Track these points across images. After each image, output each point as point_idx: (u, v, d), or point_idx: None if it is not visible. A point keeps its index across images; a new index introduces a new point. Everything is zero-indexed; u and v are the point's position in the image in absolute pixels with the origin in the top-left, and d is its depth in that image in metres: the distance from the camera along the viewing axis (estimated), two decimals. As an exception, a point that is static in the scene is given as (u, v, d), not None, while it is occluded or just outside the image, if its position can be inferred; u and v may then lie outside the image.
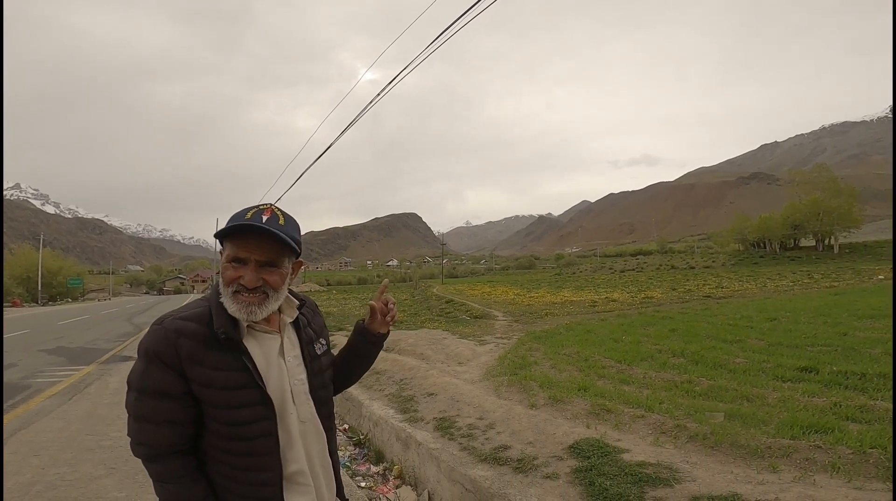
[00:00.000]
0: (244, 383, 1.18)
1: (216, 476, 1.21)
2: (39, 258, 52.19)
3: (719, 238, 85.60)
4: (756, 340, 7.38)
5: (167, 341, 1.16)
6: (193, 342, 1.16)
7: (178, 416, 1.17)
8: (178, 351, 1.15)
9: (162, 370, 1.15)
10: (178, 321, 1.19)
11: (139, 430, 1.18)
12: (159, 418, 1.16)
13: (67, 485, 3.64)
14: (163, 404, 1.16)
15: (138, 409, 1.17)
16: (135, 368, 1.19)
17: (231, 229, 1.18)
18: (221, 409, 1.16)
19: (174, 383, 1.15)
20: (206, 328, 1.18)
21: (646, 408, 4.13)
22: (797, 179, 72.66)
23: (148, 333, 1.20)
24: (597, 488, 2.78)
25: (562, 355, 6.94)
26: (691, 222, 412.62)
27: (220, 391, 1.16)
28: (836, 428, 3.48)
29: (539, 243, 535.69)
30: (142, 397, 1.17)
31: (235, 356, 1.18)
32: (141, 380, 1.17)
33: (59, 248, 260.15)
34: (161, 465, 1.19)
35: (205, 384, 1.16)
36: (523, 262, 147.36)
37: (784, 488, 2.67)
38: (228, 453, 1.19)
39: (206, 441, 1.20)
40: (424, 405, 4.72)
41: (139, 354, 1.19)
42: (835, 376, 5.03)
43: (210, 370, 1.16)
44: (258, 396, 1.19)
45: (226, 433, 1.18)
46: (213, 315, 1.20)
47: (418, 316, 16.74)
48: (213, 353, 1.17)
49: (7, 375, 8.24)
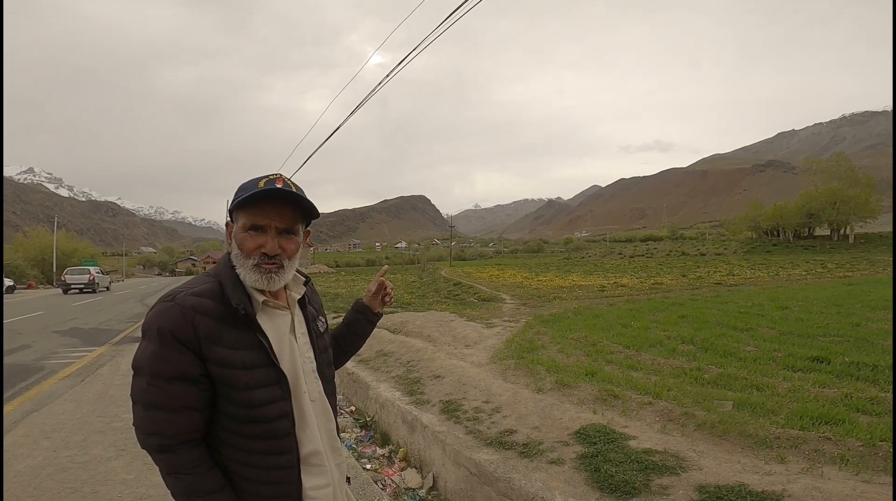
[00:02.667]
0: (261, 362, 1.13)
1: (230, 462, 1.14)
2: (54, 240, 52.80)
3: (731, 225, 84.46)
4: (767, 328, 7.29)
5: (184, 318, 1.07)
6: (210, 319, 1.09)
7: (196, 401, 1.09)
8: (195, 330, 1.07)
9: (179, 351, 1.07)
10: (191, 298, 1.10)
11: (152, 419, 1.09)
12: (176, 404, 1.08)
13: (78, 467, 3.68)
14: (180, 388, 1.07)
15: (151, 396, 1.08)
16: (144, 350, 1.10)
17: (253, 196, 1.12)
18: (240, 390, 1.10)
19: (192, 364, 1.08)
20: (220, 304, 1.12)
21: (654, 395, 4.10)
22: (814, 168, 71.20)
23: (158, 311, 1.10)
24: (602, 474, 2.77)
25: (569, 339, 6.91)
26: (703, 208, 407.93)
27: (239, 371, 1.10)
28: (847, 420, 3.43)
29: (548, 227, 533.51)
30: (155, 382, 1.07)
31: (250, 334, 1.13)
32: (154, 363, 1.07)
33: (74, 230, 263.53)
34: (176, 455, 1.10)
35: (224, 364, 1.09)
36: (532, 245, 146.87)
37: (792, 479, 2.64)
38: (245, 437, 1.13)
39: (220, 426, 1.13)
40: (431, 388, 4.73)
41: (148, 334, 1.10)
42: (846, 367, 4.95)
43: (228, 349, 1.10)
44: (274, 375, 1.14)
45: (242, 416, 1.11)
46: (226, 290, 1.13)
47: (426, 298, 16.77)
48: (230, 331, 1.11)
49: (21, 356, 8.37)
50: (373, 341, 7.14)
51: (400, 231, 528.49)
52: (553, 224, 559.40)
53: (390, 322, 9.00)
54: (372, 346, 6.86)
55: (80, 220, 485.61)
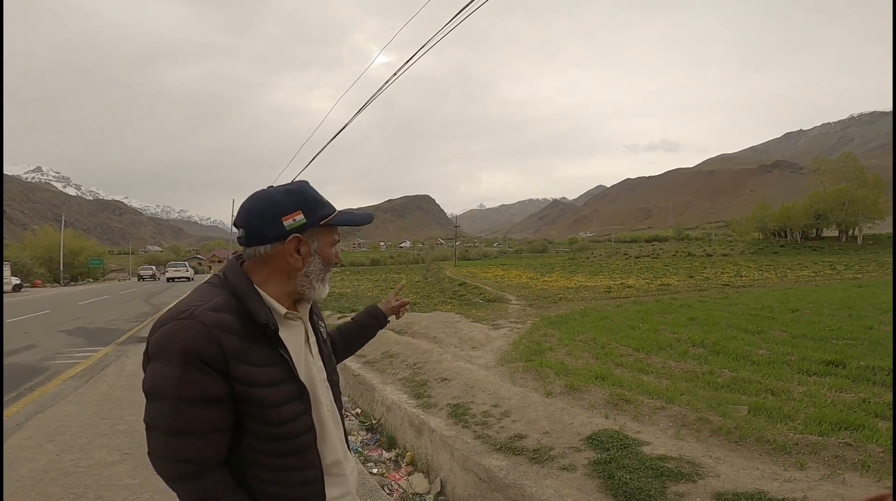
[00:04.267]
0: (284, 377, 1.09)
1: (256, 482, 1.09)
2: (61, 239, 53.22)
3: (738, 226, 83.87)
4: (779, 331, 7.18)
5: (209, 337, 1.01)
6: (234, 336, 1.04)
7: (224, 422, 1.05)
8: (221, 349, 1.02)
9: (205, 372, 1.01)
10: (212, 314, 1.04)
11: (179, 445, 1.02)
12: (204, 428, 1.02)
13: (82, 472, 3.64)
14: (209, 412, 1.02)
15: (177, 421, 1.01)
16: (163, 372, 1.01)
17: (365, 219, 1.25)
18: (268, 408, 1.06)
19: (219, 385, 1.02)
20: (240, 319, 1.07)
21: (666, 399, 4.02)
22: (822, 168, 70.65)
23: (176, 328, 1.02)
24: (616, 481, 2.70)
25: (577, 341, 6.83)
26: (709, 209, 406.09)
27: (266, 388, 1.06)
28: (866, 425, 3.35)
29: (553, 227, 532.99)
30: (181, 406, 1.00)
31: (273, 349, 1.09)
32: (179, 387, 1.00)
33: (81, 229, 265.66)
34: (205, 482, 1.04)
35: (251, 382, 1.04)
36: (536, 245, 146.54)
37: (812, 486, 2.57)
38: (272, 455, 1.09)
39: (246, 446, 1.08)
40: (438, 391, 4.67)
41: (167, 355, 1.01)
42: (862, 371, 4.85)
43: (253, 367, 1.05)
44: (297, 390, 1.11)
45: (268, 434, 1.08)
46: (247, 305, 1.08)
47: (431, 298, 16.70)
48: (253, 347, 1.06)
49: (26, 356, 8.36)
50: (378, 342, 7.08)
51: (404, 231, 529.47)
52: (558, 224, 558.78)
53: (395, 323, 8.93)
54: (378, 347, 6.81)
55: (87, 218, 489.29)
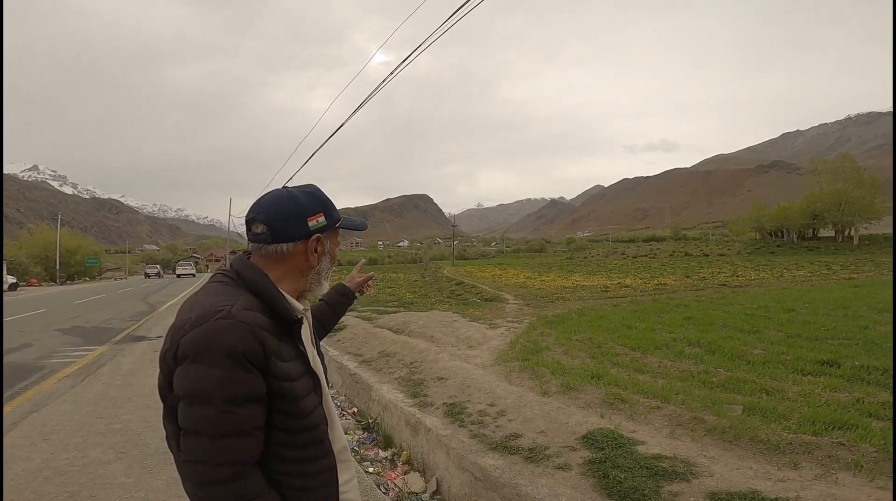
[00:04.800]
0: (303, 370, 1.16)
1: (281, 475, 1.11)
2: (58, 238, 53.01)
3: (735, 226, 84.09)
4: (774, 331, 7.21)
5: (253, 337, 1.03)
6: (269, 334, 1.08)
7: (262, 420, 1.07)
8: (263, 347, 1.05)
9: (249, 371, 1.03)
10: (248, 313, 1.07)
11: (226, 448, 1.02)
12: (248, 427, 1.04)
13: (76, 471, 3.63)
14: (253, 410, 1.04)
15: (228, 424, 1.01)
16: (209, 374, 1.01)
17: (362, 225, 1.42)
18: (298, 401, 1.11)
19: (261, 384, 1.05)
20: (268, 317, 1.10)
21: (661, 399, 4.04)
22: (819, 169, 70.88)
23: (218, 329, 1.03)
24: (611, 480, 2.71)
25: (574, 341, 6.85)
26: (706, 209, 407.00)
27: (294, 382, 1.11)
28: (860, 425, 3.37)
29: (550, 227, 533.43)
30: (231, 408, 1.01)
31: (293, 344, 1.15)
32: (227, 388, 1.00)
33: (77, 227, 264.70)
34: (245, 482, 1.04)
35: (284, 377, 1.08)
36: (534, 245, 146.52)
37: (805, 486, 2.58)
38: (296, 446, 1.12)
39: (272, 441, 1.10)
40: (434, 390, 4.67)
41: (212, 356, 1.01)
42: (856, 370, 4.88)
43: (285, 363, 1.10)
44: (311, 381, 1.18)
45: (293, 427, 1.11)
46: (271, 302, 1.12)
47: (428, 298, 16.69)
48: (282, 344, 1.11)
49: (22, 355, 8.32)
50: (375, 341, 7.08)
51: (402, 230, 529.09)
52: (556, 224, 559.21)
53: (393, 322, 8.95)
54: (374, 346, 6.81)
55: (83, 217, 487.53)
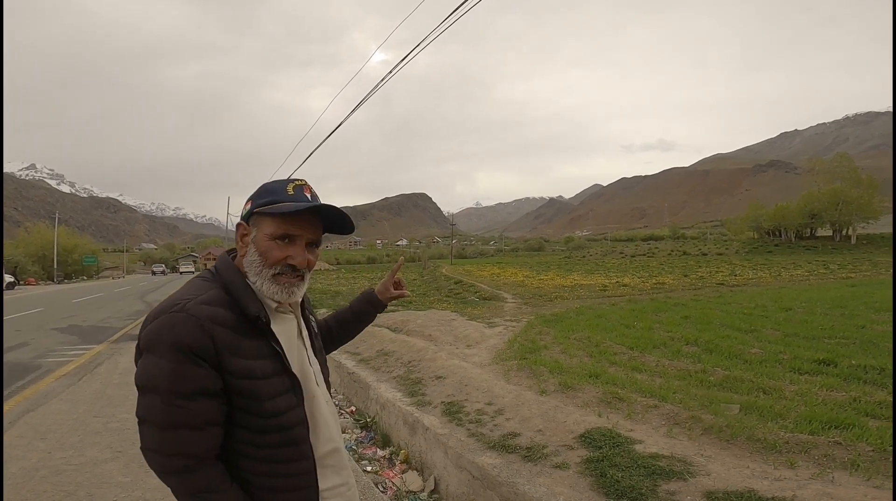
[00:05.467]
0: (277, 369, 1.10)
1: (250, 474, 1.10)
2: (55, 236, 52.85)
3: (733, 225, 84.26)
4: (771, 330, 7.23)
5: (201, 330, 1.01)
6: (227, 329, 1.04)
7: (218, 415, 1.05)
8: (214, 342, 1.02)
9: (197, 365, 1.01)
10: (205, 307, 1.04)
11: (173, 439, 1.01)
12: (199, 421, 1.02)
13: (73, 470, 3.62)
14: (202, 405, 1.02)
15: (171, 415, 1.00)
16: (155, 366, 1.01)
17: (299, 211, 1.11)
18: (264, 401, 1.06)
19: (212, 378, 1.02)
20: (232, 312, 1.07)
21: (659, 398, 4.04)
22: (816, 168, 71.02)
23: (167, 322, 1.02)
24: (608, 479, 2.71)
25: (572, 340, 6.86)
26: (704, 208, 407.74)
27: (259, 381, 1.06)
28: (856, 424, 3.38)
29: (549, 226, 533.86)
30: (175, 400, 1.00)
31: (265, 342, 1.10)
32: (172, 381, 0.99)
33: (75, 226, 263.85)
34: (199, 475, 1.04)
35: (244, 375, 1.05)
36: (533, 244, 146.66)
37: (802, 485, 2.59)
38: (265, 447, 1.09)
39: (238, 439, 1.09)
40: (432, 389, 4.67)
41: (159, 348, 1.01)
42: (854, 370, 4.90)
43: (247, 360, 1.06)
44: (289, 382, 1.12)
45: (261, 426, 1.08)
46: (238, 298, 1.09)
47: (427, 296, 16.72)
48: (246, 340, 1.07)
49: (19, 354, 8.30)
50: (373, 340, 7.08)
51: (401, 229, 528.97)
52: (554, 223, 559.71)
53: (391, 321, 8.95)
54: (373, 345, 6.81)
55: (81, 216, 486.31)
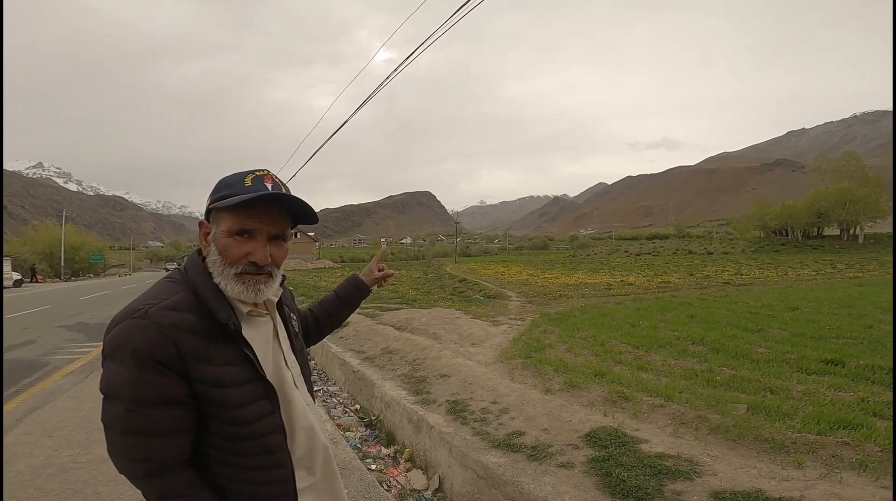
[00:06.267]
0: (249, 376, 1.05)
1: (225, 480, 1.07)
2: (62, 234, 53.24)
3: (739, 224, 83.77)
4: (778, 330, 7.18)
5: (164, 339, 0.96)
6: (193, 336, 0.99)
7: (184, 423, 1.01)
8: (178, 350, 0.97)
9: (160, 374, 0.96)
10: (168, 313, 0.99)
11: (138, 445, 0.98)
12: (163, 428, 0.98)
13: (80, 467, 3.62)
14: (167, 412, 0.98)
15: (134, 422, 0.97)
16: (116, 373, 0.97)
17: (246, 201, 1.01)
18: (234, 409, 1.02)
19: (177, 386, 0.98)
20: (200, 317, 1.01)
21: (665, 397, 4.02)
22: (824, 167, 70.46)
23: (128, 329, 0.97)
24: (614, 479, 2.70)
25: (577, 338, 6.84)
26: (710, 207, 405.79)
27: (230, 389, 1.02)
28: (864, 424, 3.36)
29: (553, 224, 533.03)
30: (137, 408, 0.96)
31: (236, 348, 1.04)
32: (134, 389, 0.95)
33: (82, 224, 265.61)
34: (167, 480, 1.01)
35: (212, 383, 1.00)
36: (537, 242, 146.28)
37: (809, 485, 2.57)
38: (239, 454, 1.05)
39: (210, 445, 1.05)
40: (437, 387, 4.67)
41: (119, 356, 0.96)
42: (861, 370, 4.87)
43: (215, 367, 1.01)
44: (262, 389, 1.07)
45: (234, 434, 1.04)
46: (207, 303, 1.03)
47: (431, 295, 16.68)
48: (215, 347, 1.01)
49: (26, 351, 8.35)
50: (378, 338, 7.08)
51: (405, 227, 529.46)
52: (559, 221, 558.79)
53: (395, 319, 8.95)
54: (377, 343, 6.81)
55: (88, 214, 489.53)
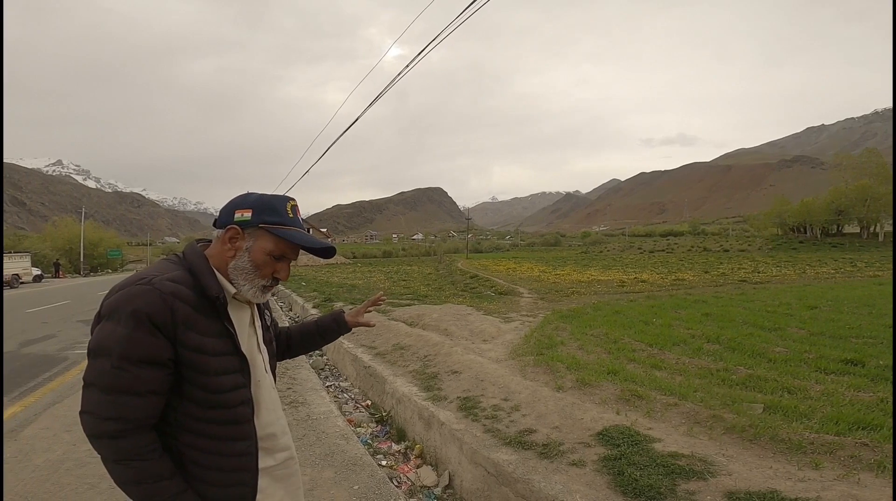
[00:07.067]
0: (228, 349, 1.19)
1: (188, 448, 1.16)
2: (82, 230, 54.27)
3: (756, 221, 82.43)
4: (796, 328, 7.06)
5: (163, 302, 1.09)
6: (187, 305, 1.13)
7: (162, 385, 1.11)
8: (173, 315, 1.10)
9: (153, 334, 1.08)
10: (169, 283, 1.13)
11: (113, 403, 1.06)
12: (143, 388, 1.08)
13: (97, 462, 3.62)
14: (149, 372, 1.08)
15: (117, 379, 1.06)
16: (112, 332, 1.08)
17: (315, 251, 1.29)
18: (210, 376, 1.14)
19: (164, 349, 1.10)
20: (194, 292, 1.16)
21: (679, 396, 3.97)
22: (844, 164, 68.98)
23: (132, 293, 1.10)
24: (626, 478, 2.67)
25: (589, 336, 6.78)
26: (726, 204, 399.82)
27: (209, 356, 1.15)
28: (884, 425, 3.29)
29: (565, 221, 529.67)
30: (125, 365, 1.06)
31: (220, 323, 1.19)
32: (126, 346, 1.06)
33: (100, 220, 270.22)
34: (129, 441, 1.08)
35: (196, 349, 1.13)
36: (549, 239, 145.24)
37: (826, 486, 2.52)
38: (208, 422, 1.16)
39: (181, 412, 1.15)
40: (448, 384, 4.67)
41: (119, 315, 1.08)
42: (881, 370, 4.76)
43: (201, 336, 1.14)
44: (238, 363, 1.21)
45: (208, 401, 1.15)
46: (202, 280, 1.18)
47: (442, 291, 16.68)
48: (203, 318, 1.16)
49: (45, 346, 8.53)
50: (389, 334, 7.09)
51: (416, 223, 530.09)
52: (571, 218, 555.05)
53: (406, 315, 8.96)
54: (389, 339, 6.82)
55: (106, 210, 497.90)
